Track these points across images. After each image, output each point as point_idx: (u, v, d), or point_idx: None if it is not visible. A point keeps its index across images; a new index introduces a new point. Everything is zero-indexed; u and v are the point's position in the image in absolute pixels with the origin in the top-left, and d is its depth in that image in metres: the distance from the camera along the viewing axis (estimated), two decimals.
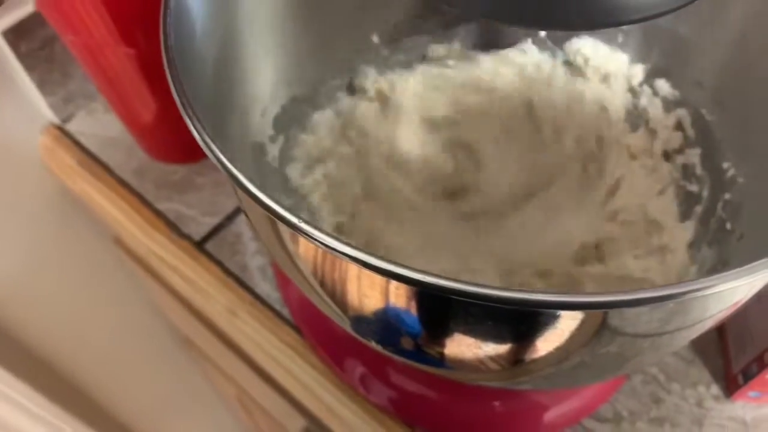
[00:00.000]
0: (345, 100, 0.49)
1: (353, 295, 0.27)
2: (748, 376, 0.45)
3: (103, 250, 0.72)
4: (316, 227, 0.24)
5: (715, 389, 0.48)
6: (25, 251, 0.66)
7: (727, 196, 0.42)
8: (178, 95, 0.27)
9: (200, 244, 0.55)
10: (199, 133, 0.26)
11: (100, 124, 0.63)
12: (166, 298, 0.65)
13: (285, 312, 0.51)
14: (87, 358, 0.73)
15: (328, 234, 0.23)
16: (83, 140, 0.62)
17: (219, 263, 0.54)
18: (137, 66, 0.46)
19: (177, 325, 0.76)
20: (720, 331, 0.49)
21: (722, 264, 0.40)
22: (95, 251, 0.71)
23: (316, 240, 0.23)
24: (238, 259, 0.54)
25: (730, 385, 0.47)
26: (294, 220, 0.24)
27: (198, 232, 0.56)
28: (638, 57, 0.48)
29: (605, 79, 0.49)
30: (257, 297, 0.52)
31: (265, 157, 0.42)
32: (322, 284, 0.28)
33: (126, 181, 0.59)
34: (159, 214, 0.57)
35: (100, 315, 0.74)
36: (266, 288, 0.52)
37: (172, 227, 0.56)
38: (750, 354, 0.45)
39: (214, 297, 0.53)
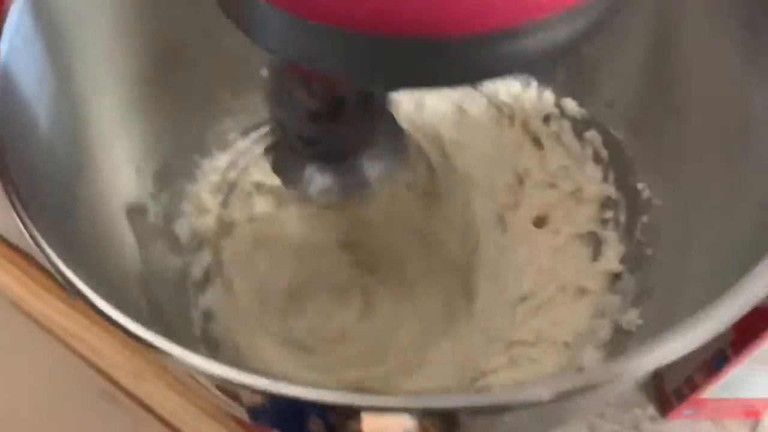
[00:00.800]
0: (240, 143, 0.45)
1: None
2: (680, 396, 0.44)
3: None
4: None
5: (651, 410, 0.47)
6: None
7: (644, 218, 0.41)
8: None
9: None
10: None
11: None
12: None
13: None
14: None
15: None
16: None
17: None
18: None
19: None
20: None
21: (646, 293, 0.39)
22: None
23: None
24: None
25: (665, 405, 0.46)
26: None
27: None
28: (544, 76, 0.46)
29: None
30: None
31: (145, 217, 0.39)
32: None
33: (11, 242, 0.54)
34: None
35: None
36: None
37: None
38: (681, 375, 0.44)
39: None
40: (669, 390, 0.46)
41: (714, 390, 0.42)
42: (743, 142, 0.34)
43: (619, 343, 0.37)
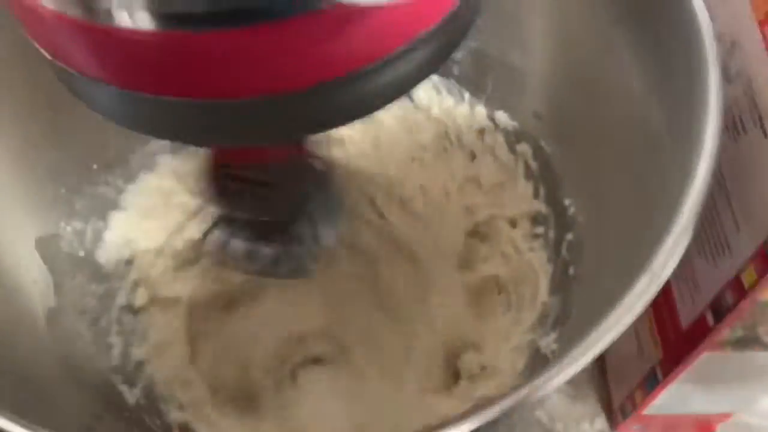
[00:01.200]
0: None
1: None
2: (625, 413, 0.43)
3: None
4: None
5: (600, 422, 0.46)
6: None
7: (569, 236, 0.40)
8: None
9: None
10: None
11: None
12: None
13: None
14: None
15: None
16: None
17: None
18: None
19: None
20: (600, 364, 0.47)
21: (565, 315, 0.37)
22: None
23: None
24: None
25: (614, 419, 0.45)
26: None
27: None
28: (475, 88, 0.45)
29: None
30: None
31: (59, 247, 0.39)
32: None
33: None
34: None
35: None
36: None
37: None
38: (623, 391, 0.43)
39: None
40: (615, 405, 0.45)
41: (654, 407, 0.41)
42: (648, 158, 0.32)
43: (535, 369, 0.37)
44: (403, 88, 0.20)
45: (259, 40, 0.17)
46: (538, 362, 0.37)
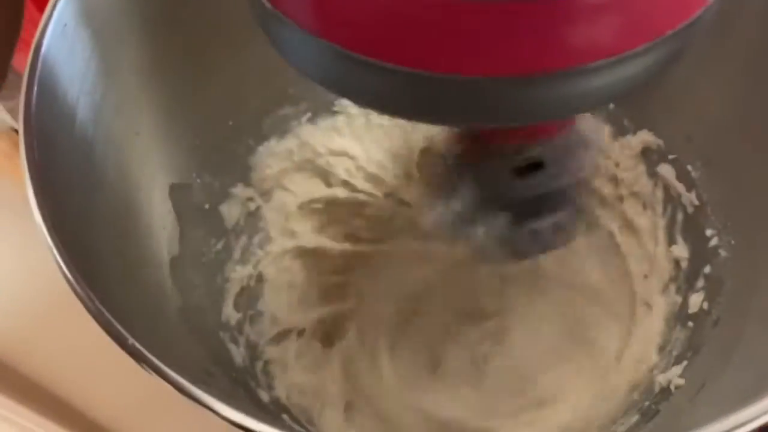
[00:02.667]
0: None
1: None
2: None
3: None
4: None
5: None
6: None
7: (707, 269, 0.38)
8: None
9: None
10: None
11: None
12: None
13: None
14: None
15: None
16: None
17: None
18: None
19: None
20: None
21: (693, 351, 0.35)
22: None
23: None
24: None
25: None
26: None
27: None
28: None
29: None
30: None
31: (189, 197, 0.39)
32: None
33: None
34: None
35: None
36: None
37: None
38: None
39: None
40: None
41: None
42: None
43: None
44: (634, 87, 0.19)
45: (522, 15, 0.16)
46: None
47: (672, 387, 0.35)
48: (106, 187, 0.32)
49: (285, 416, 0.37)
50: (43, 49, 0.29)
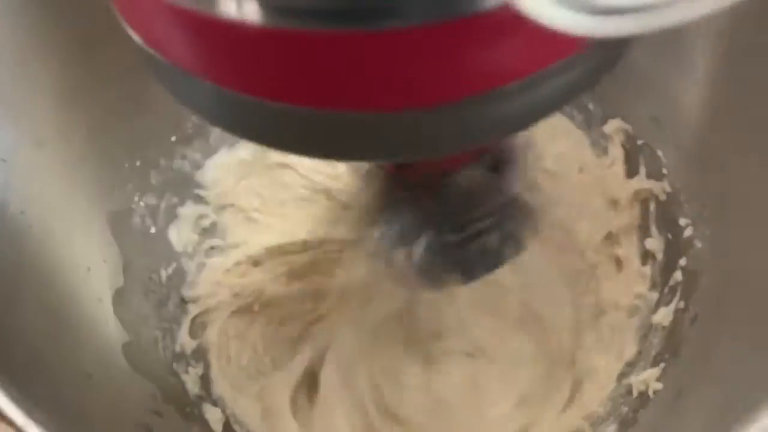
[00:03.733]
0: None
1: None
2: None
3: None
4: None
5: None
6: None
7: (683, 261, 0.36)
8: None
9: None
10: None
11: None
12: None
13: None
14: None
15: None
16: None
17: None
18: None
19: None
20: None
21: (670, 353, 0.33)
22: None
23: None
24: None
25: None
26: None
27: None
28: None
29: None
30: None
31: (131, 223, 0.37)
32: None
33: None
34: None
35: None
36: None
37: None
38: None
39: None
40: None
41: None
42: None
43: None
44: (553, 107, 0.16)
45: (390, 45, 0.14)
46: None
47: (650, 392, 0.33)
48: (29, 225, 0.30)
49: None
50: None
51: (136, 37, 0.17)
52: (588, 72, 0.16)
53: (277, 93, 0.16)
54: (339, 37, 0.14)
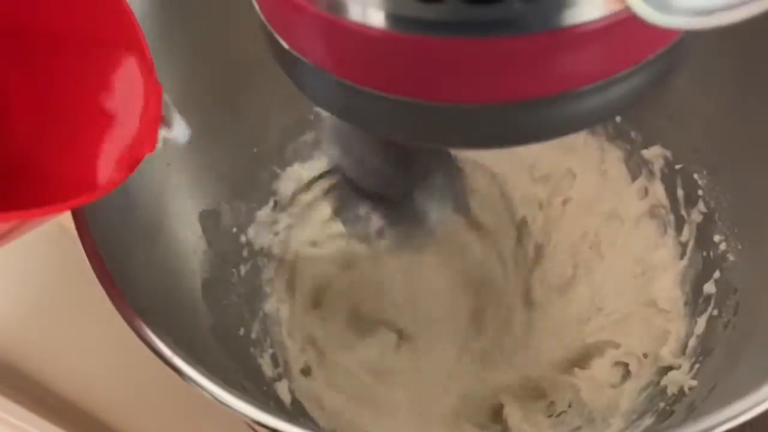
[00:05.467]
0: None
1: None
2: None
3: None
4: None
5: None
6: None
7: (717, 274, 0.39)
8: None
9: None
10: None
11: None
12: None
13: None
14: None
15: None
16: None
17: None
18: None
19: None
20: None
21: (704, 354, 0.37)
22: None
23: None
24: None
25: None
26: None
27: None
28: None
29: None
30: None
31: (218, 222, 0.42)
32: None
33: None
34: None
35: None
36: None
37: None
38: None
39: None
40: None
41: None
42: None
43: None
44: (613, 111, 0.20)
45: (493, 52, 0.18)
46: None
47: (686, 388, 0.36)
48: (139, 211, 0.35)
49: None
50: None
51: (281, 40, 0.22)
52: (652, 76, 0.20)
53: (397, 88, 0.20)
54: (453, 42, 0.18)
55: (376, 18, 0.18)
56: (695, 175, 0.42)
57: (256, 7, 0.22)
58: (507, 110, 0.19)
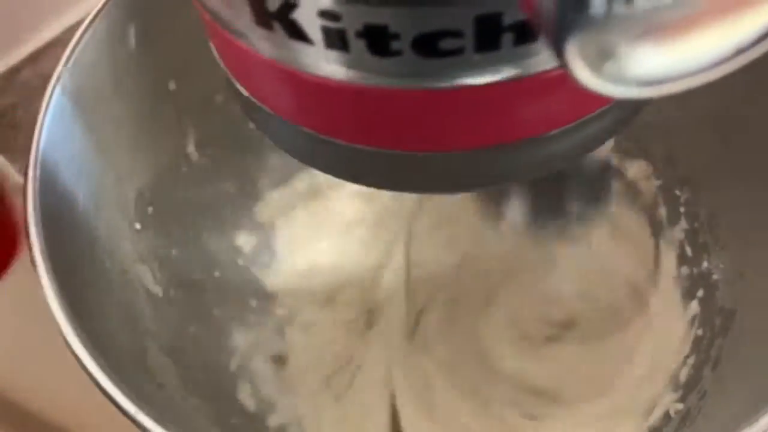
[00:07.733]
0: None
1: None
2: None
3: None
4: None
5: None
6: None
7: (700, 293, 0.39)
8: None
9: None
10: None
11: None
12: None
13: None
14: None
15: None
16: None
17: None
18: None
19: None
20: None
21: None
22: None
23: None
24: None
25: None
26: None
27: None
28: None
29: None
30: None
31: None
32: None
33: None
34: None
35: None
36: None
37: None
38: None
39: None
40: None
41: None
42: None
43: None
44: (587, 149, 0.20)
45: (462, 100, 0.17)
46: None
47: (671, 412, 0.36)
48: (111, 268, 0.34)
49: None
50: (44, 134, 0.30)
51: (242, 89, 0.21)
52: (616, 120, 0.19)
53: (363, 138, 0.19)
54: (416, 92, 0.18)
55: (329, 69, 0.18)
56: (676, 191, 0.42)
57: (215, 53, 0.22)
58: (476, 156, 0.19)
